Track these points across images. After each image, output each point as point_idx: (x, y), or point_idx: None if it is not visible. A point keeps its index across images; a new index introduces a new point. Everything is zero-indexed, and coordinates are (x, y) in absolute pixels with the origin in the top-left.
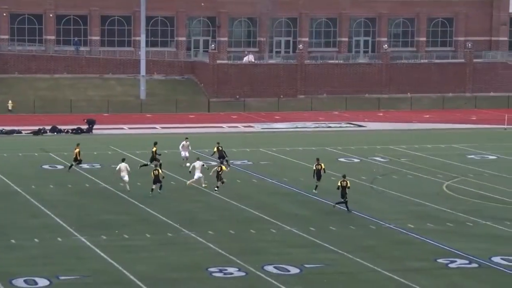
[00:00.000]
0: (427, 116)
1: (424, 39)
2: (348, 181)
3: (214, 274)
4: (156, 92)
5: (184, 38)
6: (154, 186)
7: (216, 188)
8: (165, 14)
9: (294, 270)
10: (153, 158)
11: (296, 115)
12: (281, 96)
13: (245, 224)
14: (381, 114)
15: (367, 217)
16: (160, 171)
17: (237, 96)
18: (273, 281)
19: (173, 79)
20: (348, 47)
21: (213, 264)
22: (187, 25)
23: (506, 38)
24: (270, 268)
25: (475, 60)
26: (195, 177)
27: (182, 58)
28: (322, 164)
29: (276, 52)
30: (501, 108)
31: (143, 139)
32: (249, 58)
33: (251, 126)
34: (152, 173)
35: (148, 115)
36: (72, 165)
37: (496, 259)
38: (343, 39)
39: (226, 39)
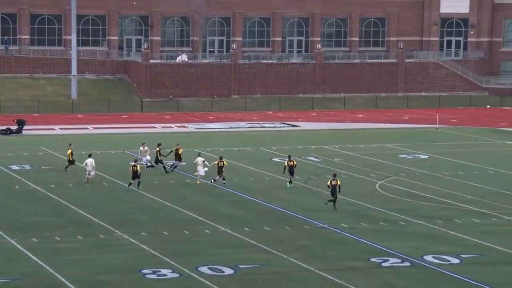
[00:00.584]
0: (360, 115)
1: (357, 39)
2: (338, 180)
3: (147, 276)
4: (88, 92)
5: (116, 37)
6: (132, 181)
7: (213, 181)
8: (97, 13)
9: (228, 271)
10: (158, 159)
11: (230, 115)
12: (215, 96)
13: (179, 225)
14: (315, 114)
15: (301, 217)
16: (138, 167)
17: (171, 96)
18: (207, 282)
19: (105, 78)
20: (281, 46)
21: (146, 266)
22: (119, 24)
23: (437, 38)
24: (204, 269)
25: (407, 60)
26: (201, 173)
27: (114, 58)
28: (294, 161)
29: (210, 51)
30: (432, 107)
31: (74, 139)
32: (183, 57)
33: (185, 126)
34: (131, 168)
35: (80, 116)
36: (67, 166)
37: (428, 257)
38: (277, 38)
39: (159, 38)
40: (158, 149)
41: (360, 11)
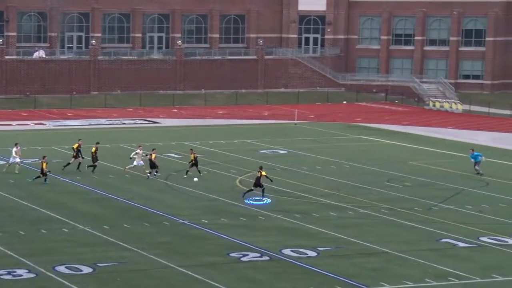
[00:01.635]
0: (221, 112)
1: (217, 35)
2: (263, 172)
3: (2, 276)
4: None
5: None
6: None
7: (149, 174)
8: None
9: (86, 270)
10: (94, 159)
11: (89, 112)
12: (74, 93)
13: (36, 224)
14: (176, 110)
15: (161, 214)
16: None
17: (27, 93)
18: (65, 282)
19: None
20: (142, 43)
21: (2, 267)
22: None
23: (295, 35)
24: (61, 268)
25: (266, 57)
26: (135, 163)
27: None
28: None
29: (68, 47)
30: (291, 103)
31: None
32: (40, 53)
33: (43, 124)
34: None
35: None
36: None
37: (286, 251)
38: (137, 35)
39: (15, 34)
40: (94, 148)
41: (220, 8)
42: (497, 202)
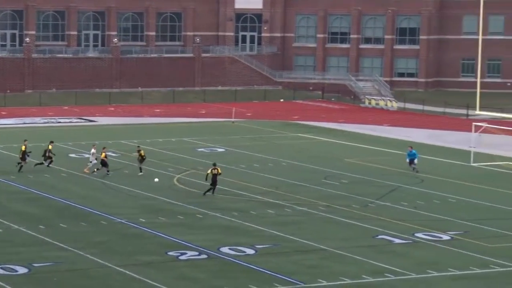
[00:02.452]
0: (158, 110)
1: (154, 33)
2: (218, 169)
3: None
4: None
5: None
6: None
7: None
8: None
9: (22, 270)
10: (47, 157)
11: (24, 110)
12: (8, 91)
13: None
14: (113, 108)
15: (98, 213)
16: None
17: None
18: (0, 283)
19: None
20: (77, 41)
21: None
22: None
23: (232, 34)
24: None
25: (203, 55)
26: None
27: None
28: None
29: (1, 45)
30: (229, 101)
31: None
32: None
33: None
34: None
35: None
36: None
37: (224, 249)
38: (72, 32)
39: None
40: (50, 146)
41: (156, 5)
42: (431, 198)
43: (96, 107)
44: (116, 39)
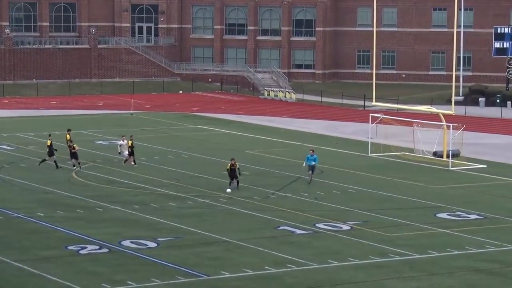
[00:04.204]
0: (54, 102)
1: (47, 24)
2: (236, 163)
3: None
4: None
5: None
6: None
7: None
8: None
9: None
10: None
11: None
12: None
13: None
14: (7, 101)
15: None
16: None
17: None
18: None
19: None
20: None
21: None
22: None
23: (128, 25)
24: None
25: (99, 46)
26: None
27: None
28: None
29: None
30: (126, 93)
31: None
32: None
33: None
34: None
35: None
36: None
37: (126, 242)
38: None
39: None
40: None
41: None
42: (331, 189)
43: None
44: (8, 30)
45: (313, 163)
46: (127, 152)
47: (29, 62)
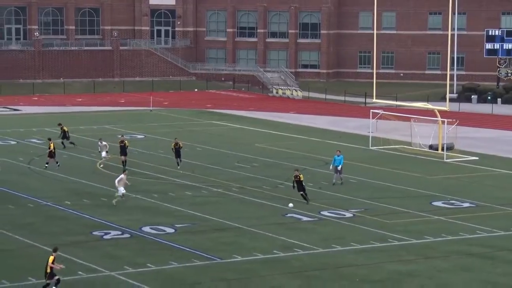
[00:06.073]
0: (80, 99)
1: (73, 27)
2: (301, 175)
3: None
4: None
5: None
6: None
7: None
8: None
9: None
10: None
11: None
12: None
13: None
14: (36, 98)
15: (25, 196)
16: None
17: None
18: None
19: None
20: (0, 34)
21: None
22: None
23: (148, 28)
24: None
25: (121, 48)
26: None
27: None
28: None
29: None
30: (146, 91)
31: None
32: None
33: None
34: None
35: None
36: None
37: (146, 228)
38: None
39: None
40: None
41: (75, 1)
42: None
43: (20, 97)
44: (37, 33)
45: (340, 165)
46: (104, 153)
47: (57, 63)
